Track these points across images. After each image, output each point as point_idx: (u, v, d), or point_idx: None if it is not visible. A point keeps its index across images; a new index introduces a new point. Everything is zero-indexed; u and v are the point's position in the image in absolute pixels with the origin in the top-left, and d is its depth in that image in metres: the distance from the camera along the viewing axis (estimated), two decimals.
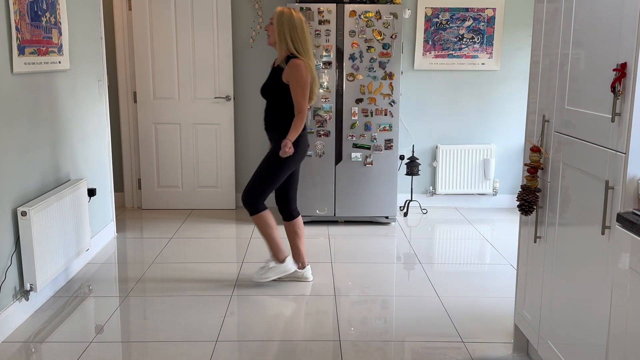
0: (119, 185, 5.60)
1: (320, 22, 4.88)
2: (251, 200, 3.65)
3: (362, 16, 4.89)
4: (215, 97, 5.51)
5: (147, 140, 5.57)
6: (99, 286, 3.85)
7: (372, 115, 4.99)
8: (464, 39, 5.48)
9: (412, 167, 5.36)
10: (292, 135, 3.55)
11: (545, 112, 2.59)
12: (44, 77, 3.60)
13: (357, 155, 5.04)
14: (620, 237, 1.90)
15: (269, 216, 3.71)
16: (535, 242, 2.67)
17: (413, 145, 5.54)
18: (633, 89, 1.87)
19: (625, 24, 1.92)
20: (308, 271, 3.89)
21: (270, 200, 3.95)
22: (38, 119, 3.53)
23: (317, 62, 4.92)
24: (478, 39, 5.48)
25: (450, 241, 4.89)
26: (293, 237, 3.83)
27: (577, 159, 2.29)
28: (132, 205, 5.75)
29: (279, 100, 3.66)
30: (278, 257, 3.79)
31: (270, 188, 3.68)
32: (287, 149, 3.51)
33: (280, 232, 3.80)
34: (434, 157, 5.69)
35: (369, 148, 5.04)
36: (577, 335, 2.28)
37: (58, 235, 3.58)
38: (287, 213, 3.80)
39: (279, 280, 3.84)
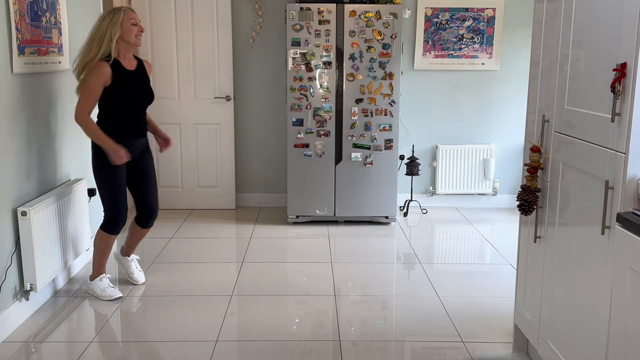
0: None
1: (320, 22, 4.88)
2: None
3: (362, 16, 4.89)
4: (215, 97, 5.51)
5: None
6: None
7: (372, 115, 4.99)
8: (464, 39, 5.48)
9: (412, 167, 5.36)
10: None
11: (545, 112, 2.59)
12: (44, 77, 3.60)
13: (357, 155, 5.04)
14: (620, 237, 1.90)
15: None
16: (535, 242, 2.67)
17: (413, 145, 5.54)
18: (633, 89, 1.87)
19: (625, 24, 1.92)
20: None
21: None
22: (38, 119, 3.53)
23: (317, 62, 4.92)
24: (478, 39, 5.48)
25: (450, 241, 4.89)
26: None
27: (577, 159, 2.29)
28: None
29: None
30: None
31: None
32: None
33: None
34: (434, 157, 5.69)
35: (369, 148, 5.04)
36: (577, 335, 2.28)
37: (58, 235, 3.58)
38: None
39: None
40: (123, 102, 3.44)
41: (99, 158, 3.42)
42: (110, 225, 3.54)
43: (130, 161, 3.47)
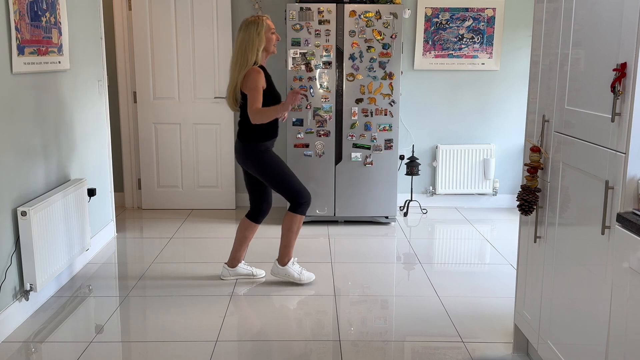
0: (119, 185, 5.60)
1: (320, 22, 4.88)
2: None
3: (362, 16, 4.89)
4: (215, 97, 5.51)
5: (147, 140, 5.57)
6: (99, 286, 3.85)
7: (372, 115, 4.99)
8: (464, 39, 5.48)
9: (412, 167, 5.36)
10: None
11: (545, 112, 2.59)
12: (43, 77, 3.60)
13: (357, 155, 5.04)
14: (620, 237, 1.90)
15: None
16: (535, 242, 2.67)
17: (413, 145, 5.54)
18: (633, 89, 1.87)
19: (625, 24, 1.92)
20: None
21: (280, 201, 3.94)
22: (38, 119, 3.53)
23: (317, 62, 4.92)
24: (478, 39, 5.48)
25: (450, 241, 4.89)
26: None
27: (577, 159, 2.29)
28: (132, 205, 5.75)
29: None
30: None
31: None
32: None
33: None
34: (434, 157, 5.69)
35: (369, 148, 5.04)
36: (577, 335, 2.28)
37: (58, 235, 3.58)
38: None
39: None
40: (271, 104, 3.62)
41: (265, 158, 3.65)
42: (304, 206, 3.74)
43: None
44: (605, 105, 2.04)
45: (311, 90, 4.86)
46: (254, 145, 3.64)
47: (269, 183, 3.72)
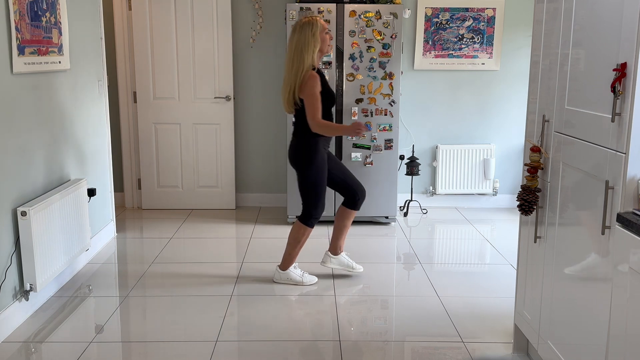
0: (119, 185, 5.60)
1: None
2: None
3: (362, 16, 4.89)
4: (215, 97, 5.51)
5: (147, 140, 5.57)
6: (99, 286, 3.85)
7: (372, 115, 4.99)
8: (464, 39, 5.48)
9: (412, 167, 5.36)
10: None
11: (545, 112, 2.59)
12: (44, 77, 3.60)
13: (357, 155, 5.04)
14: (620, 237, 1.90)
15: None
16: (535, 242, 2.67)
17: (413, 145, 5.54)
18: (633, 89, 1.87)
19: (625, 24, 1.92)
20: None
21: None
22: (38, 119, 3.53)
23: None
24: (478, 39, 5.48)
25: (450, 241, 4.89)
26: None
27: (577, 159, 2.29)
28: (132, 205, 5.75)
29: None
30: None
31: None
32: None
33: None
34: (434, 157, 5.69)
35: (369, 148, 5.04)
36: (577, 335, 2.28)
37: (58, 235, 3.58)
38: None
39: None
40: (328, 106, 3.72)
41: (314, 160, 3.67)
42: (313, 220, 3.79)
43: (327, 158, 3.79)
44: (605, 105, 2.04)
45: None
46: (308, 140, 3.67)
47: (299, 181, 3.76)
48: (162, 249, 4.55)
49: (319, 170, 3.69)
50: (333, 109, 3.86)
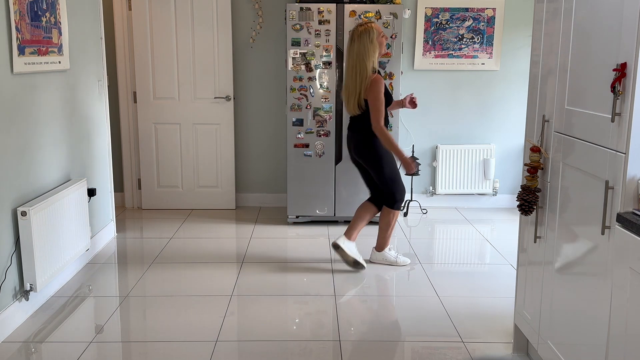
0: (119, 185, 5.60)
1: (320, 22, 4.88)
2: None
3: (362, 16, 4.89)
4: (215, 97, 5.51)
5: (147, 140, 5.57)
6: (99, 286, 3.85)
7: None
8: (464, 39, 5.48)
9: None
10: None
11: (545, 112, 2.59)
12: (44, 77, 3.60)
13: None
14: (620, 237, 1.90)
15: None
16: (535, 242, 2.67)
17: (413, 145, 5.54)
18: (633, 89, 1.87)
19: (625, 24, 1.92)
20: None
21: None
22: (38, 119, 3.53)
23: (317, 62, 4.93)
24: (478, 39, 5.48)
25: (450, 241, 4.89)
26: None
27: (577, 159, 2.29)
28: (132, 205, 5.75)
29: None
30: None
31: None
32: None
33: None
34: (434, 157, 5.69)
35: None
36: (577, 335, 2.28)
37: (58, 235, 3.58)
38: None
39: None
40: (388, 108, 3.97)
41: (384, 151, 3.93)
42: (399, 202, 4.07)
43: None
44: (605, 105, 2.04)
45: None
46: (374, 136, 3.88)
47: (377, 173, 3.97)
48: (162, 249, 4.55)
49: (390, 158, 3.94)
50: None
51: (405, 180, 5.50)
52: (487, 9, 5.43)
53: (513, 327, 3.01)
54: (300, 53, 4.91)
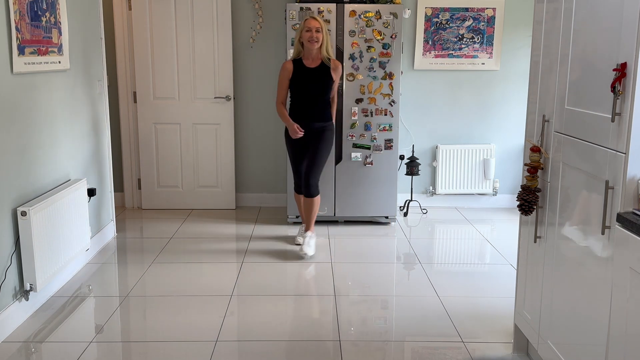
0: (119, 185, 5.60)
1: None
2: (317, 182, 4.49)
3: (362, 16, 4.89)
4: (215, 97, 5.51)
5: (147, 140, 5.57)
6: (99, 286, 3.85)
7: (372, 115, 4.99)
8: (464, 39, 5.48)
9: (412, 167, 5.36)
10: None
11: (545, 112, 2.59)
12: (43, 77, 3.60)
13: (357, 155, 5.04)
14: (620, 237, 1.90)
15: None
16: (535, 242, 2.67)
17: (413, 145, 5.54)
18: (633, 89, 1.87)
19: (625, 24, 1.92)
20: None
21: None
22: (38, 118, 3.53)
23: None
24: (478, 39, 5.48)
25: (450, 241, 4.89)
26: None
27: (577, 159, 2.29)
28: (132, 205, 5.75)
29: (329, 95, 4.46)
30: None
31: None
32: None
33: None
34: (434, 157, 5.69)
35: (369, 148, 5.04)
36: (577, 335, 2.28)
37: (58, 235, 3.58)
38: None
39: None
40: (297, 92, 4.40)
41: (285, 135, 4.52)
42: (295, 186, 4.71)
43: (305, 139, 4.40)
44: (605, 105, 2.04)
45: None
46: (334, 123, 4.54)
47: (321, 155, 4.42)
48: (162, 249, 4.55)
49: (287, 146, 4.57)
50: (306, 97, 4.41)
51: (406, 180, 5.53)
52: (487, 8, 5.43)
53: (513, 327, 3.01)
54: None
